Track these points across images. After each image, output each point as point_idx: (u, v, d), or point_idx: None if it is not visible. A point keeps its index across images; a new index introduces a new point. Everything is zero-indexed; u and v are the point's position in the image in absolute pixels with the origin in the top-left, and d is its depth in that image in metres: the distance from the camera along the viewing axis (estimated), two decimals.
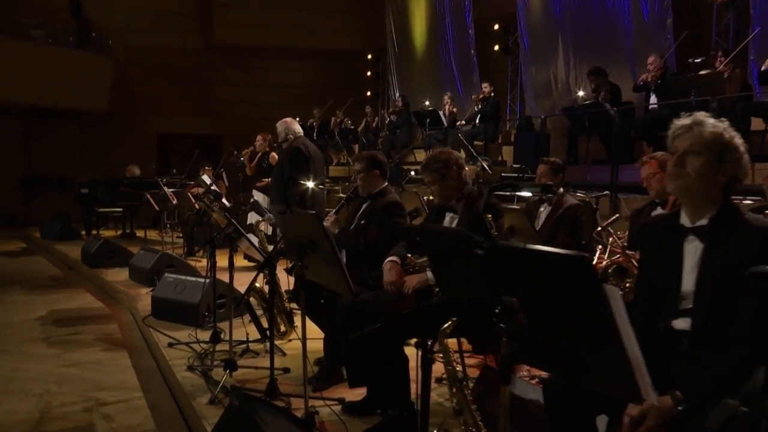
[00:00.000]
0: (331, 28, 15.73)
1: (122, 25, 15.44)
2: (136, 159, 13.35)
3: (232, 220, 3.79)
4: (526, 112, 11.90)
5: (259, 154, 8.23)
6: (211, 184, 5.75)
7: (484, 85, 10.88)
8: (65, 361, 4.62)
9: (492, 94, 10.81)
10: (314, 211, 2.83)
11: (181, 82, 15.77)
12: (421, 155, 11.98)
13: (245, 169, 8.75)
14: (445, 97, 11.63)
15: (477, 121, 10.84)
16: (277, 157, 8.14)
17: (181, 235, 10.30)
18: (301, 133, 6.18)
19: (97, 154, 15.10)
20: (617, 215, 3.34)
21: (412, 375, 2.96)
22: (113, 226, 12.94)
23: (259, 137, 8.19)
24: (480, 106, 10.62)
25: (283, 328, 4.50)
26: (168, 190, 7.90)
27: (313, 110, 14.29)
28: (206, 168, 9.33)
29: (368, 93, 15.85)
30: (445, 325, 2.21)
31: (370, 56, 15.86)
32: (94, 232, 11.90)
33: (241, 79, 16.09)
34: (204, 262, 8.45)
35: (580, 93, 8.29)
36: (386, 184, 4.08)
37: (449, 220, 3.32)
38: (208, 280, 5.08)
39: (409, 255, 3.25)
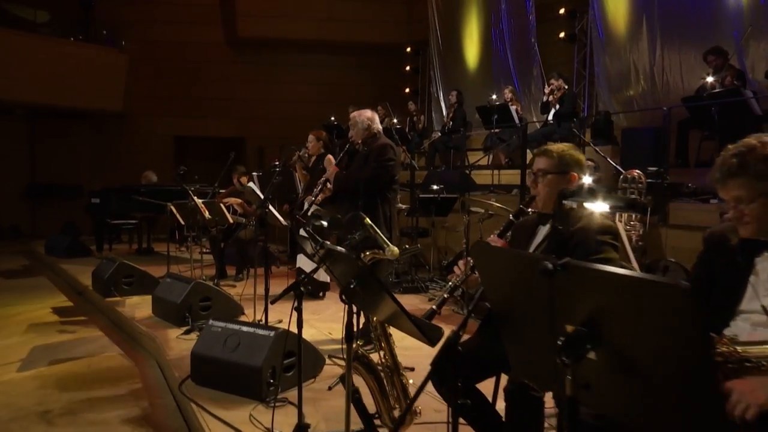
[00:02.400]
0: (366, 19, 14.24)
1: (136, 17, 14.01)
2: (152, 164, 11.97)
3: (369, 270, 2.26)
4: (598, 108, 10.39)
5: (313, 159, 6.74)
6: (269, 198, 4.30)
7: (552, 80, 9.33)
8: None
9: (566, 88, 9.29)
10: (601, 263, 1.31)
11: (201, 79, 14.32)
12: (478, 158, 10.47)
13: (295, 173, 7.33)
14: (506, 92, 10.11)
15: (549, 117, 9.34)
16: (334, 160, 6.66)
17: (206, 250, 8.86)
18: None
19: (109, 158, 13.69)
20: None
21: None
22: (127, 239, 11.52)
23: (311, 137, 6.69)
24: (558, 107, 9.08)
25: (397, 412, 2.98)
26: (199, 202, 6.42)
27: (349, 108, 12.76)
28: (245, 174, 7.87)
29: (407, 90, 14.35)
30: None
31: (409, 49, 14.35)
32: (106, 246, 10.49)
33: (266, 76, 14.61)
34: (240, 288, 6.98)
35: (710, 79, 6.71)
36: None
37: None
38: (272, 333, 3.58)
39: (715, 335, 1.72)
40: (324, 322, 5.52)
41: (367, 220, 2.80)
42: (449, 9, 13.11)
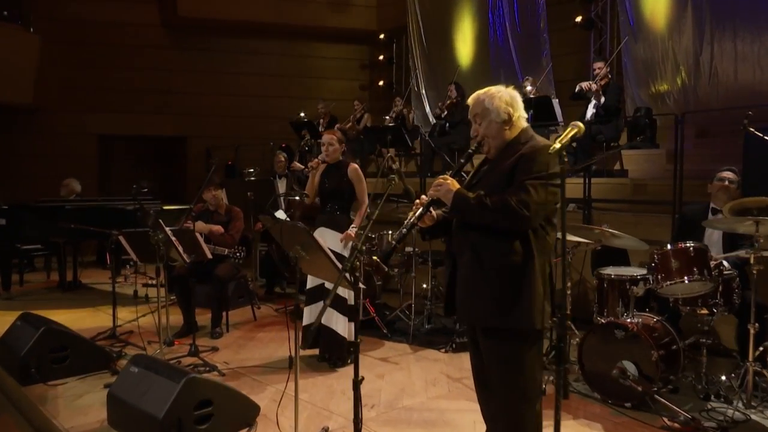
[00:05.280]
0: (331, 0, 12.22)
1: None
2: (72, 170, 9.60)
3: None
4: (627, 103, 8.87)
5: (323, 167, 4.75)
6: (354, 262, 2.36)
7: (598, 65, 7.73)
8: None
9: (610, 77, 7.70)
10: None
11: (131, 67, 11.79)
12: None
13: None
14: (527, 83, 8.42)
15: (589, 114, 7.71)
16: (358, 168, 4.70)
17: (152, 282, 6.70)
18: None
19: (15, 163, 10.99)
20: None
21: None
22: (42, 265, 9.04)
23: (330, 137, 4.68)
24: (602, 99, 7.45)
25: None
26: (169, 231, 4.29)
27: (318, 104, 10.77)
28: (219, 186, 5.73)
29: (380, 82, 12.43)
30: None
31: (382, 36, 12.43)
32: (15, 278, 7.98)
33: (212, 64, 12.26)
34: (224, 350, 4.93)
35: None
36: None
37: None
38: None
39: None
40: (392, 427, 3.54)
41: None
42: None
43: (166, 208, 7.17)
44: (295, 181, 7.57)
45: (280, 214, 3.48)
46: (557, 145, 2.15)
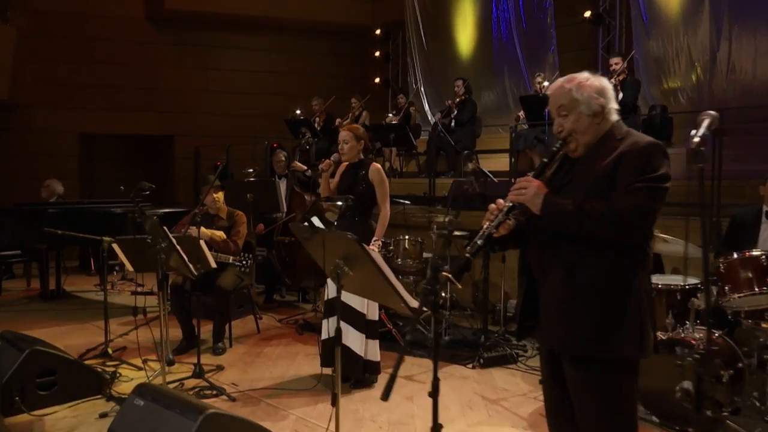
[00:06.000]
0: None
1: None
2: (52, 170, 9.09)
3: None
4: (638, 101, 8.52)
5: (343, 167, 4.30)
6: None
7: (615, 60, 7.37)
8: None
9: (627, 73, 7.35)
10: None
11: (115, 63, 11.22)
12: (499, 162, 8.33)
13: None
14: (539, 79, 8.05)
15: None
16: (381, 169, 4.25)
17: (142, 289, 6.23)
18: None
19: None
20: None
21: None
22: (22, 272, 8.45)
23: (346, 134, 4.24)
24: (620, 96, 7.09)
25: None
26: (173, 238, 3.81)
27: (313, 100, 10.27)
28: (221, 189, 5.26)
29: (376, 80, 11.97)
30: None
31: (378, 32, 11.98)
32: None
33: (199, 60, 11.72)
34: (229, 369, 4.45)
35: None
36: None
37: None
38: None
39: None
40: None
41: None
42: None
43: (166, 211, 6.66)
44: (296, 181, 7.13)
45: (317, 221, 2.99)
46: (697, 139, 1.74)
